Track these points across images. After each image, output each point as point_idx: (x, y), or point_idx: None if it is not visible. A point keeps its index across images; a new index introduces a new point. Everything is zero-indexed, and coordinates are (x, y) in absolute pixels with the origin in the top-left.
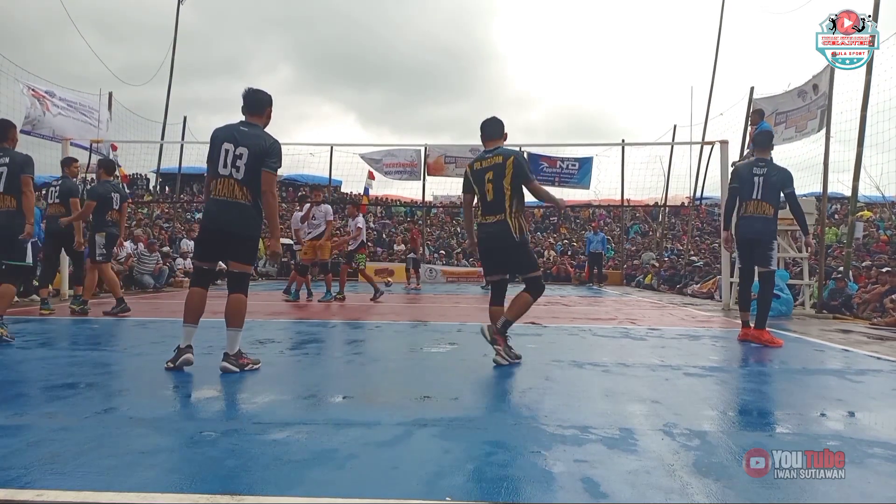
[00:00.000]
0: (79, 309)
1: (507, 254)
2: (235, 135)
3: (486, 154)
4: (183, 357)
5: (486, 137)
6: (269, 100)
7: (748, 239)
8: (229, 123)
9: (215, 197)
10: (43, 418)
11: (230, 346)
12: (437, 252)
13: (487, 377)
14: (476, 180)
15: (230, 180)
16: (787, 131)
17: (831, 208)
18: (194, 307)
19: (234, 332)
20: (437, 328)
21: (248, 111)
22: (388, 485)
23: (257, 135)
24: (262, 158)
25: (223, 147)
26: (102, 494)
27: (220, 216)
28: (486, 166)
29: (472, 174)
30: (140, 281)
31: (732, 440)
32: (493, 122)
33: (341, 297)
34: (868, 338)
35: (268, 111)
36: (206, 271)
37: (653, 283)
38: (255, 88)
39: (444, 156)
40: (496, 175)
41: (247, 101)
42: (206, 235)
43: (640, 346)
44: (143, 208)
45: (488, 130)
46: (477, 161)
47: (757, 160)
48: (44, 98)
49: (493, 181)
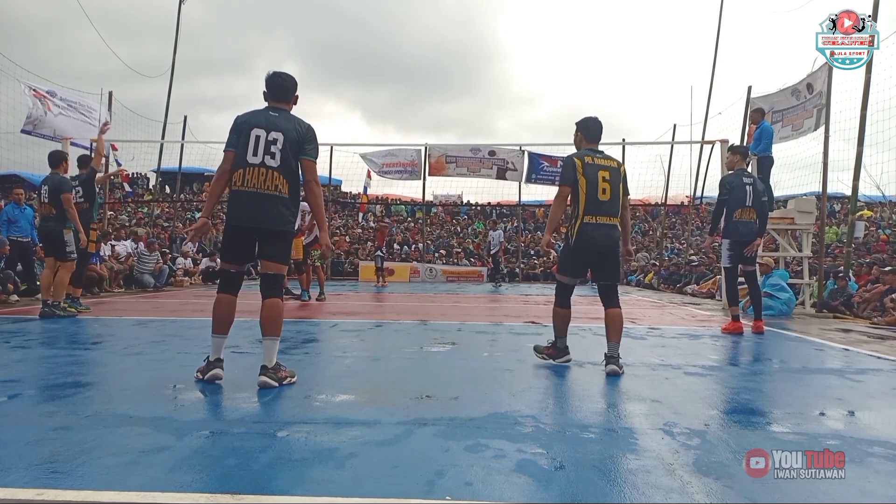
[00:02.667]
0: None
1: (614, 259)
2: (266, 120)
3: (595, 153)
4: (212, 371)
5: (594, 137)
6: (295, 84)
7: (745, 242)
8: (255, 109)
9: (245, 189)
10: (43, 417)
11: (268, 357)
12: (437, 251)
13: (488, 376)
14: (588, 174)
15: (263, 169)
16: (783, 130)
17: (831, 207)
18: (223, 316)
19: (272, 341)
20: (437, 327)
21: (273, 98)
22: (389, 484)
23: (290, 119)
24: (300, 145)
25: (253, 133)
26: (102, 494)
27: (255, 210)
28: (600, 164)
29: (583, 167)
30: (140, 280)
31: (732, 439)
32: (599, 123)
33: (321, 298)
34: (868, 337)
35: (295, 97)
36: (234, 275)
37: (653, 283)
38: (279, 72)
39: (445, 155)
40: (613, 176)
41: (271, 86)
42: (236, 234)
43: (640, 345)
44: (144, 207)
45: (597, 130)
46: (587, 156)
47: (742, 171)
48: (45, 98)
49: (609, 181)
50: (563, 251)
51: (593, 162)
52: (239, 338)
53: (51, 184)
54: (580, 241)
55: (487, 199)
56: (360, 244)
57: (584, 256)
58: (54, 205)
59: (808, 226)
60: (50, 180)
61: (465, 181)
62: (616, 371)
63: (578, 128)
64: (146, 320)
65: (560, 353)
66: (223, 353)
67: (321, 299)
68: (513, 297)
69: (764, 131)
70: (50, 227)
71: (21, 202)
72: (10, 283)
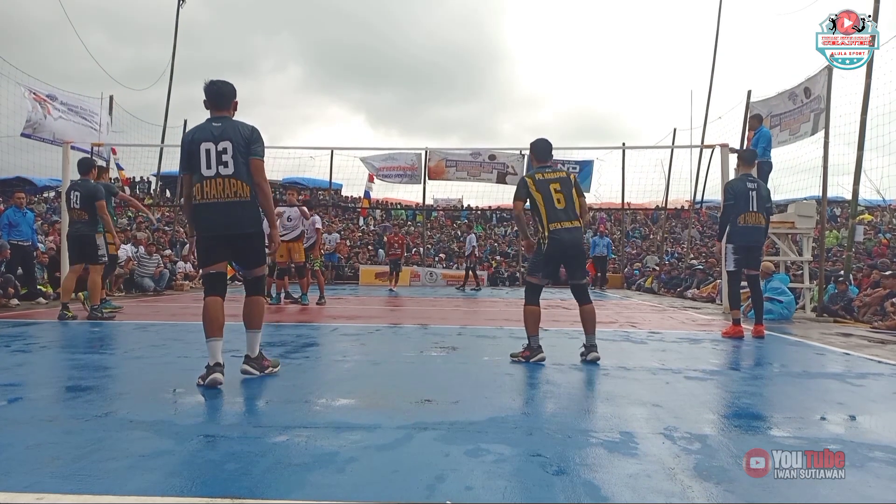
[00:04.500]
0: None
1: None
2: (211, 132)
3: (545, 169)
4: (212, 377)
5: (543, 157)
6: (233, 90)
7: (749, 246)
8: (197, 125)
9: (206, 201)
10: (43, 421)
11: (251, 348)
12: (437, 255)
13: (488, 380)
14: (541, 189)
15: (220, 179)
16: (781, 134)
17: (831, 211)
18: (214, 319)
19: (255, 333)
20: (437, 331)
21: (213, 106)
22: (389, 488)
23: (233, 126)
24: (248, 147)
25: (202, 148)
26: (103, 498)
27: (221, 219)
28: (550, 178)
29: (535, 183)
30: (140, 284)
31: (733, 443)
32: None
33: (321, 301)
34: (869, 341)
35: (234, 102)
36: (216, 276)
37: (653, 287)
38: (216, 80)
39: (445, 159)
40: (564, 186)
41: (210, 95)
42: (208, 242)
43: (640, 349)
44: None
45: (545, 150)
46: (538, 173)
47: (746, 175)
48: (45, 102)
49: (562, 191)
50: (535, 256)
51: (543, 178)
52: (239, 342)
53: (84, 190)
54: (551, 246)
55: (488, 203)
56: (360, 248)
57: (555, 259)
58: (87, 210)
59: (809, 230)
60: (82, 186)
61: (465, 185)
62: (597, 357)
63: (531, 149)
64: (146, 324)
65: (534, 352)
66: (222, 359)
67: (321, 303)
68: (513, 301)
69: (762, 136)
70: (82, 231)
71: (22, 206)
72: (11, 287)
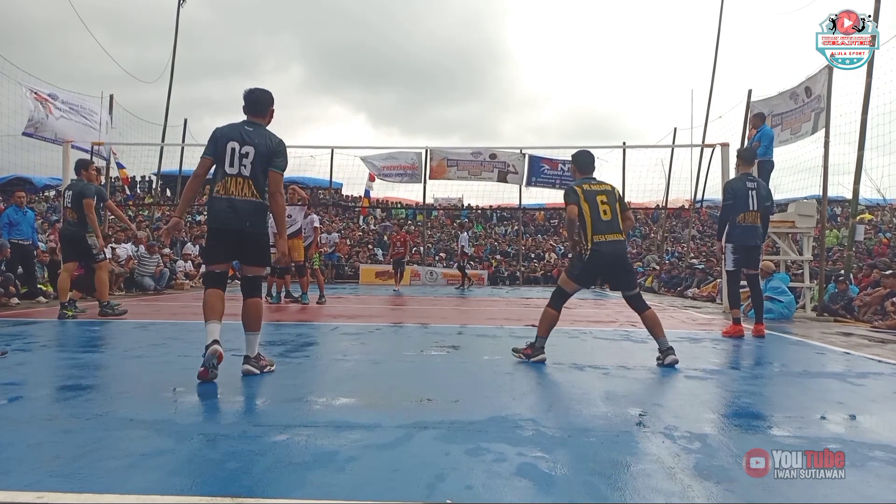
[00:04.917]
0: (115, 311)
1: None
2: (241, 134)
3: (591, 181)
4: (211, 348)
5: (587, 169)
6: (271, 99)
7: (749, 246)
8: (232, 123)
9: (225, 196)
10: (43, 420)
11: (250, 349)
12: (437, 255)
13: (488, 380)
14: (588, 199)
15: (240, 178)
16: (782, 133)
17: (832, 211)
18: (214, 304)
19: (254, 335)
20: (437, 330)
21: (250, 112)
22: (389, 487)
23: (263, 134)
24: (269, 158)
25: (229, 146)
26: (103, 497)
27: (235, 215)
28: (596, 189)
29: (584, 193)
30: (140, 283)
31: (733, 443)
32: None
33: (321, 301)
34: (869, 341)
35: (271, 111)
36: (219, 275)
37: (653, 286)
38: (256, 88)
39: (446, 159)
40: (610, 199)
41: (248, 101)
42: (219, 237)
43: (640, 348)
44: (145, 210)
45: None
46: (585, 184)
47: (746, 175)
48: (46, 101)
49: (608, 203)
50: (576, 261)
51: (591, 189)
52: (239, 341)
53: (74, 189)
54: (593, 256)
55: (488, 202)
56: (360, 247)
57: (595, 270)
58: (77, 210)
59: (809, 229)
60: (74, 186)
61: (465, 184)
62: (675, 360)
63: (573, 161)
64: (146, 323)
65: (536, 352)
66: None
67: (321, 302)
68: (513, 300)
69: (764, 135)
70: (73, 231)
71: (22, 205)
72: (11, 286)
